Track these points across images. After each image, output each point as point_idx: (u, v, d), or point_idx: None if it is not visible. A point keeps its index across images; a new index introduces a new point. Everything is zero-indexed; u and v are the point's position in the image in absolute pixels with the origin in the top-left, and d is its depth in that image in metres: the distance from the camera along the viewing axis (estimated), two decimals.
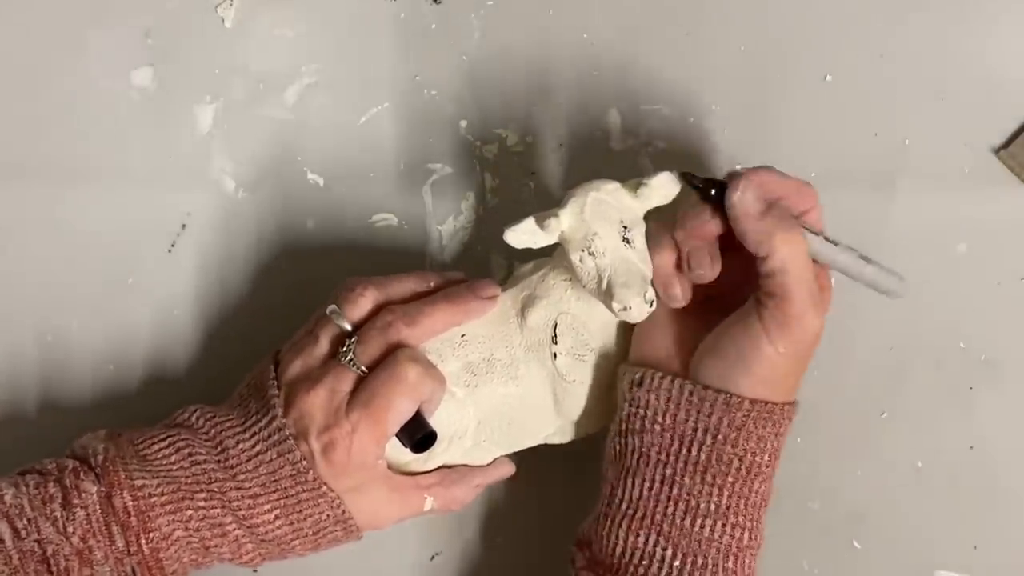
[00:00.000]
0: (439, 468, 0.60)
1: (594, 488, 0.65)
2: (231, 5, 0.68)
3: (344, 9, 0.68)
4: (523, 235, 0.56)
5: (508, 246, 0.60)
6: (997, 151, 0.67)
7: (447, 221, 0.67)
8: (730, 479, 0.54)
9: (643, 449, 0.55)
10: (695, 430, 0.54)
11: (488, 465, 0.61)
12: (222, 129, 0.68)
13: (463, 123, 0.68)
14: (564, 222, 0.55)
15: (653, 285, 0.55)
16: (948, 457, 0.65)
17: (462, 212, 0.67)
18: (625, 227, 0.55)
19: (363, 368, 0.55)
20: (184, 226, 0.67)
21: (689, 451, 0.54)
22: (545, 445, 0.62)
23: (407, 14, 0.68)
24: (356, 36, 0.68)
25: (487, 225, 0.67)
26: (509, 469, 0.62)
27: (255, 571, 0.64)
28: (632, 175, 0.58)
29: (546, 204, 0.58)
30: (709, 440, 0.54)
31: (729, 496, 0.54)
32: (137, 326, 0.66)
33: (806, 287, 0.53)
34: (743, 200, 0.53)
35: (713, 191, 0.54)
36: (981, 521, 0.65)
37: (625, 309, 0.54)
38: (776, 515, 0.64)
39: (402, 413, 0.55)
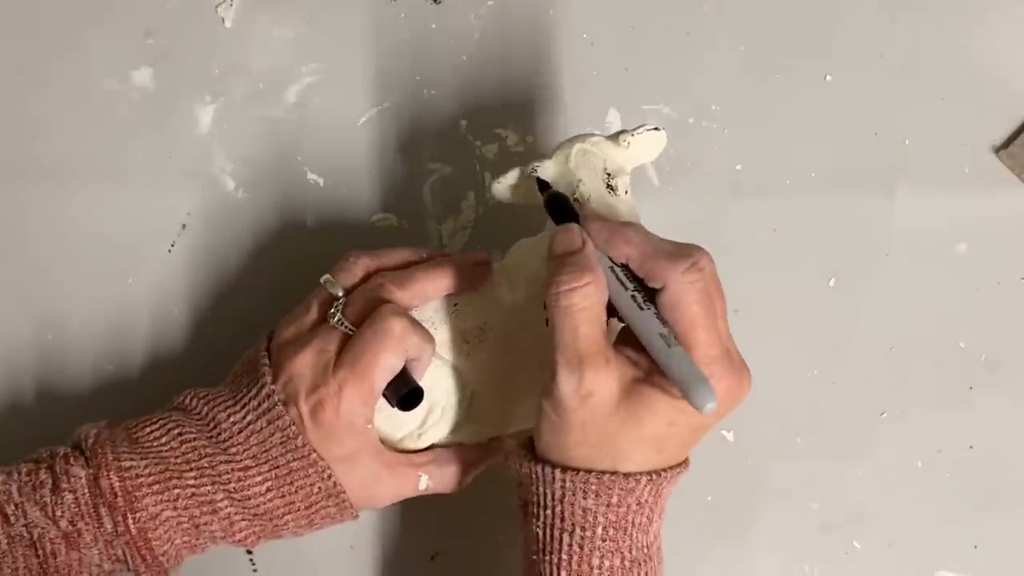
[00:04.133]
0: (433, 448, 0.59)
1: None
2: (231, 5, 0.69)
3: (344, 9, 0.68)
4: (509, 186, 0.57)
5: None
6: (997, 151, 0.67)
7: (447, 221, 0.67)
8: (564, 556, 0.51)
9: (521, 524, 0.54)
10: (532, 504, 0.53)
11: (484, 444, 0.60)
12: (222, 129, 0.68)
13: (463, 123, 0.68)
14: (549, 171, 0.56)
15: None
16: (948, 457, 0.65)
17: (462, 212, 0.67)
18: (609, 175, 0.56)
19: (351, 327, 0.55)
20: (184, 226, 0.67)
21: (532, 527, 0.53)
22: None
23: (407, 14, 0.68)
24: (356, 36, 0.68)
25: (487, 225, 0.67)
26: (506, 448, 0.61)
27: (255, 570, 0.64)
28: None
29: None
30: (542, 514, 0.52)
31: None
32: (137, 326, 0.66)
33: (564, 338, 0.50)
34: (554, 239, 0.52)
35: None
36: (981, 521, 0.65)
37: None
38: (776, 515, 0.64)
39: (388, 367, 0.54)
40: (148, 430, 0.56)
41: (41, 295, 0.67)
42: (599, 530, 0.51)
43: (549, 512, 0.52)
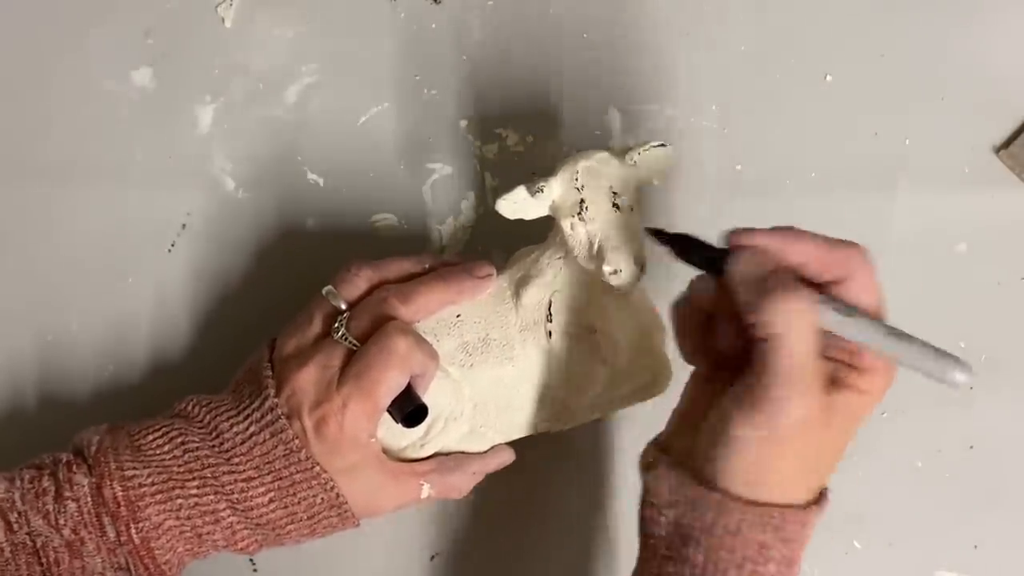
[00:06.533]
0: (435, 455, 0.59)
1: (596, 486, 0.65)
2: (231, 5, 0.68)
3: (344, 9, 0.68)
4: (514, 204, 0.56)
5: (508, 246, 0.60)
6: (997, 151, 0.67)
7: (447, 221, 0.67)
8: None
9: (653, 539, 0.51)
10: (692, 528, 0.49)
11: (486, 452, 0.60)
12: (222, 129, 0.68)
13: (463, 123, 0.68)
14: (555, 190, 0.56)
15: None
16: (948, 457, 0.65)
17: (462, 212, 0.67)
18: (615, 193, 0.56)
19: (355, 343, 0.55)
20: (184, 226, 0.67)
21: (688, 549, 0.48)
22: (547, 441, 0.62)
23: (407, 14, 0.68)
24: (356, 36, 0.68)
25: (487, 225, 0.67)
26: (508, 456, 0.61)
27: (255, 571, 0.64)
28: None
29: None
30: (705, 541, 0.48)
31: None
32: (137, 326, 0.66)
33: (789, 360, 0.46)
34: (736, 267, 0.49)
35: (701, 257, 0.51)
36: (981, 521, 0.65)
37: (615, 272, 0.54)
38: None
39: (393, 385, 0.54)
40: (151, 438, 0.56)
41: (41, 295, 0.67)
42: (771, 566, 0.48)
43: (715, 541, 0.48)
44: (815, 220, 0.66)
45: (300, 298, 0.59)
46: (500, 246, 0.66)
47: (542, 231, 0.59)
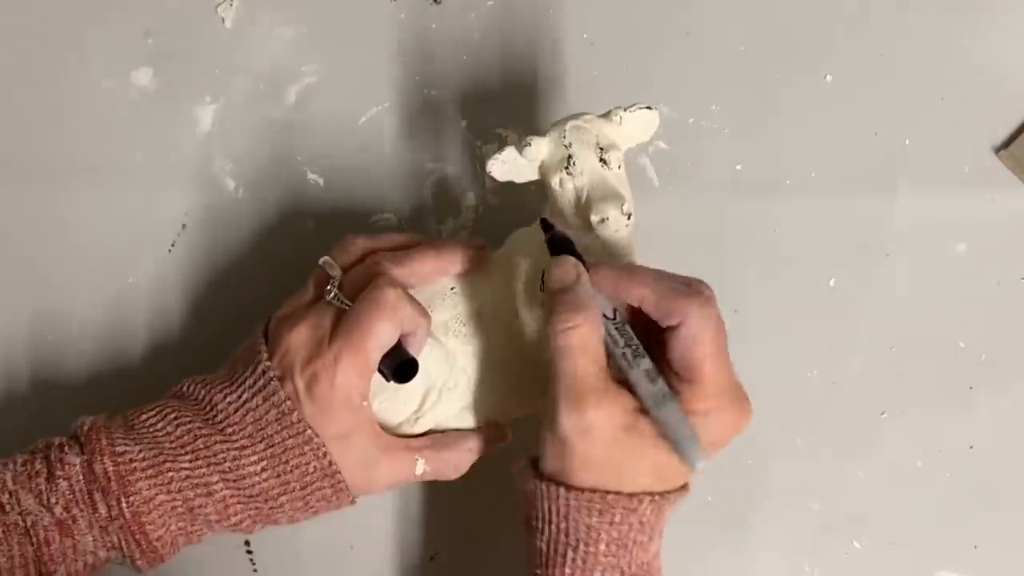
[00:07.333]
0: (431, 432, 0.59)
1: None
2: (231, 5, 0.69)
3: (344, 9, 0.68)
4: (504, 164, 0.58)
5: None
6: (997, 151, 0.67)
7: (447, 221, 0.67)
8: (567, 569, 0.52)
9: (525, 536, 0.55)
10: (535, 519, 0.54)
11: (481, 431, 0.60)
12: (222, 129, 0.68)
13: (463, 123, 0.68)
14: (543, 148, 0.57)
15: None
16: (948, 457, 0.65)
17: (462, 212, 0.67)
18: (602, 149, 0.57)
19: (346, 302, 0.56)
20: (184, 226, 0.67)
21: (536, 542, 0.54)
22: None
23: (407, 14, 0.68)
24: (356, 36, 0.68)
25: (487, 225, 0.67)
26: (503, 435, 0.61)
27: (255, 571, 0.64)
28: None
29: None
30: (546, 529, 0.53)
31: None
32: (137, 326, 0.66)
33: (563, 377, 0.51)
34: (551, 276, 0.54)
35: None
36: (981, 521, 0.65)
37: (603, 221, 0.55)
38: (776, 515, 0.64)
39: (383, 338, 0.54)
40: (144, 417, 0.56)
41: (41, 295, 0.67)
42: (601, 546, 0.52)
43: (553, 527, 0.52)
44: (815, 220, 0.67)
45: None
46: (499, 246, 0.66)
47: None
